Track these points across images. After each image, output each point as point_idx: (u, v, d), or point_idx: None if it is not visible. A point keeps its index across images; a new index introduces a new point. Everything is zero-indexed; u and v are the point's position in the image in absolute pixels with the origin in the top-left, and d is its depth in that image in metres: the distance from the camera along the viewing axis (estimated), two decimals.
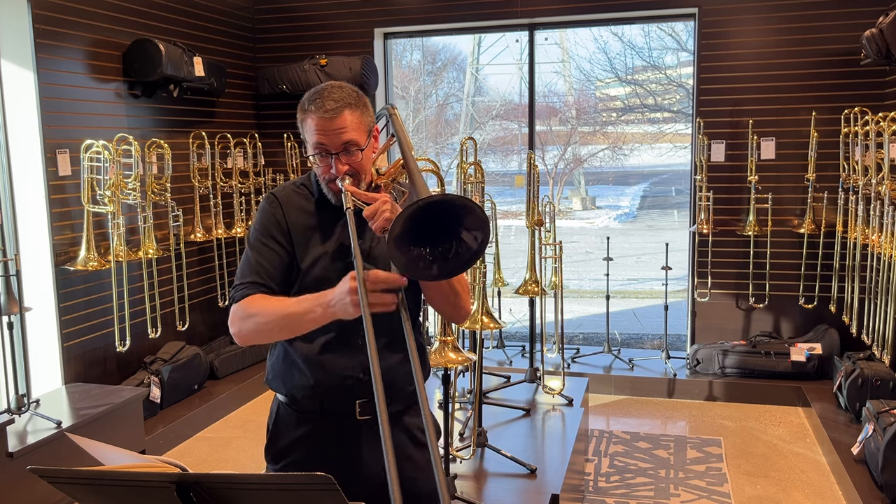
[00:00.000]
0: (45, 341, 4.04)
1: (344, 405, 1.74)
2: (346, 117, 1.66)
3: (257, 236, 1.76)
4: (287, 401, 1.81)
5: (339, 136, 1.66)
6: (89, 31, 4.27)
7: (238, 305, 1.69)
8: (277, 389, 1.83)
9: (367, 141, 1.71)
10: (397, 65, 10.75)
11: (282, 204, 1.78)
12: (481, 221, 1.44)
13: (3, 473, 3.22)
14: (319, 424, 1.77)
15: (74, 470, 1.16)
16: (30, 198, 3.97)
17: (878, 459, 3.25)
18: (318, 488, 1.08)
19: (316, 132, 1.67)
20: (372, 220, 1.59)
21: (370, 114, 1.74)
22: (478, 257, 1.49)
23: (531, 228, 4.18)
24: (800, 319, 5.09)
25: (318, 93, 1.69)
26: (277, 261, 1.73)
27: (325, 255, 1.74)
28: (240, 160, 5.46)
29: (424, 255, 1.47)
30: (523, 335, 6.17)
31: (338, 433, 1.76)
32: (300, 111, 1.71)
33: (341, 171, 1.67)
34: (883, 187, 3.81)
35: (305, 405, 1.77)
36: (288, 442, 1.80)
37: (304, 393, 1.76)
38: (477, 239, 1.46)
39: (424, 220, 1.42)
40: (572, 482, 3.23)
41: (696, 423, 4.56)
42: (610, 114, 13.50)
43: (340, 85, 1.71)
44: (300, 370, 1.75)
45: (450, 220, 1.44)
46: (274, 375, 1.82)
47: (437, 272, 1.48)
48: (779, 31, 4.95)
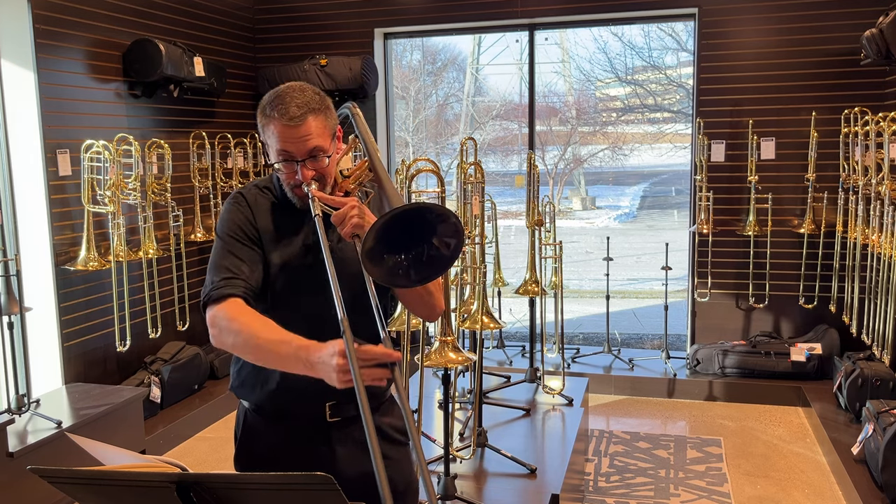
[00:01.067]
0: (45, 341, 4.04)
1: (314, 408, 1.72)
2: (311, 124, 1.62)
3: (228, 231, 1.70)
4: (254, 407, 1.79)
5: (305, 143, 1.62)
6: (89, 31, 4.27)
7: (219, 310, 1.61)
8: (244, 397, 1.80)
9: (332, 145, 1.68)
10: (397, 65, 10.75)
11: (250, 204, 1.74)
12: (455, 229, 1.43)
13: (3, 473, 3.22)
14: (289, 429, 1.74)
15: (74, 470, 1.16)
16: (30, 198, 3.97)
17: (878, 459, 3.25)
18: (317, 488, 1.09)
19: (280, 139, 1.63)
20: (340, 225, 1.57)
21: (333, 116, 1.71)
22: (452, 262, 1.47)
23: (531, 228, 4.18)
24: (800, 319, 5.09)
25: (280, 97, 1.63)
26: (254, 257, 1.69)
27: (293, 255, 1.71)
28: (240, 160, 5.46)
29: (400, 263, 1.45)
30: (523, 335, 6.17)
31: (309, 436, 1.74)
32: (261, 115, 1.66)
33: (308, 177, 1.64)
34: (883, 187, 3.81)
35: (274, 410, 1.75)
36: (258, 449, 1.77)
37: (273, 398, 1.73)
38: (450, 245, 1.44)
39: (396, 228, 1.40)
40: (572, 482, 3.23)
41: (696, 423, 4.56)
42: (610, 114, 13.50)
43: (301, 87, 1.66)
44: (267, 376, 1.72)
45: (423, 225, 1.43)
46: (240, 383, 1.79)
47: (415, 278, 1.46)
48: (779, 31, 4.95)
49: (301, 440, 1.74)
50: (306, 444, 1.74)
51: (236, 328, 1.58)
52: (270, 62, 5.77)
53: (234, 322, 1.59)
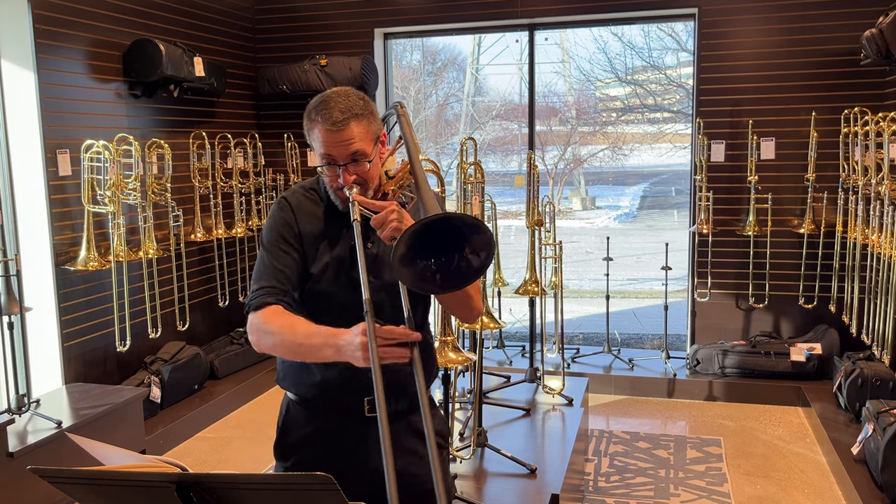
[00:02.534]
0: (45, 341, 4.04)
1: (352, 403, 1.76)
2: (353, 129, 1.66)
3: (271, 240, 1.76)
4: (297, 399, 1.83)
5: (347, 147, 1.67)
6: (89, 31, 4.27)
7: (256, 317, 1.69)
8: (287, 388, 1.85)
9: (374, 149, 1.71)
10: (397, 65, 10.75)
11: (293, 208, 1.78)
12: (487, 241, 1.45)
13: (3, 473, 3.22)
14: (328, 422, 1.79)
15: (74, 470, 1.16)
16: (30, 198, 3.97)
17: (878, 459, 3.25)
18: (318, 488, 1.09)
19: (323, 143, 1.67)
20: (380, 228, 1.60)
21: (377, 121, 1.74)
22: (481, 273, 1.49)
23: (531, 228, 4.18)
24: (800, 319, 5.09)
25: (325, 102, 1.68)
26: (292, 264, 1.74)
27: (336, 260, 1.75)
28: (240, 160, 5.46)
29: (430, 268, 1.47)
30: (523, 335, 6.17)
31: (346, 430, 1.78)
32: (307, 119, 1.71)
33: (349, 181, 1.68)
34: (883, 187, 3.81)
35: (314, 403, 1.80)
36: (297, 439, 1.82)
37: (313, 391, 1.78)
38: (480, 256, 1.46)
39: (430, 235, 1.43)
40: (572, 482, 3.23)
41: (695, 423, 4.56)
42: (610, 114, 13.50)
43: (346, 92, 1.70)
44: (309, 369, 1.77)
45: (454, 233, 1.45)
46: (284, 374, 1.84)
47: (443, 284, 1.49)
48: (779, 31, 4.95)
49: (339, 433, 1.78)
50: (344, 438, 1.78)
51: (272, 330, 1.65)
52: (270, 62, 5.77)
53: (269, 325, 1.66)
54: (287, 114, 5.83)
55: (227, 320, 5.49)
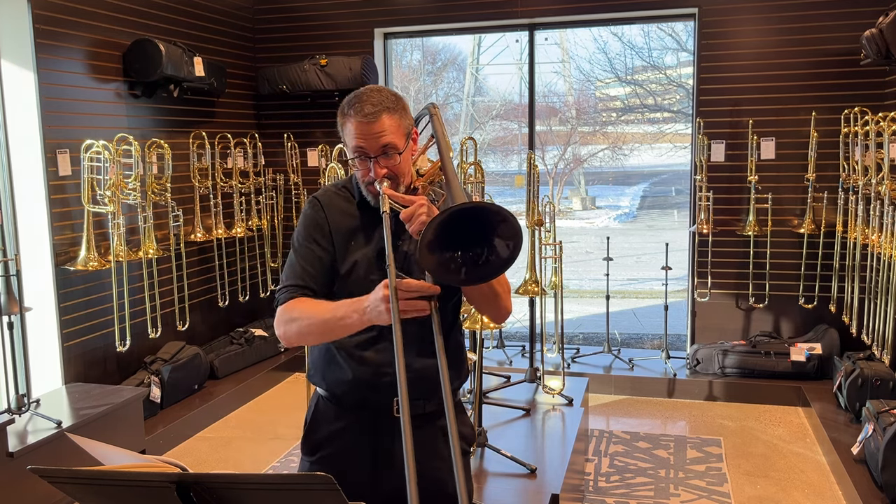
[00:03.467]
0: (45, 341, 4.04)
1: (382, 401, 1.77)
2: (385, 121, 1.69)
3: (300, 239, 1.80)
4: (327, 395, 1.84)
5: (378, 139, 1.69)
6: (89, 31, 4.27)
7: (282, 308, 1.74)
8: (318, 384, 1.86)
9: (405, 144, 1.74)
10: (397, 65, 10.75)
11: (324, 207, 1.81)
12: (514, 230, 1.45)
13: (3, 473, 3.22)
14: (357, 419, 1.80)
15: (74, 470, 1.16)
16: (30, 198, 3.97)
17: (878, 459, 3.25)
18: (318, 488, 1.09)
19: (355, 136, 1.70)
20: (409, 222, 1.61)
21: (409, 117, 1.77)
22: (509, 265, 1.50)
23: (531, 228, 4.18)
24: (800, 319, 5.09)
25: (358, 97, 1.72)
26: (319, 264, 1.77)
27: (366, 258, 1.77)
28: (240, 160, 5.46)
29: (455, 259, 1.48)
30: (523, 335, 6.17)
31: (374, 429, 1.78)
32: (340, 115, 1.74)
33: (380, 174, 1.70)
34: (883, 187, 3.81)
35: (344, 400, 1.81)
36: (324, 435, 1.84)
37: (343, 388, 1.79)
38: (509, 247, 1.47)
39: (457, 225, 1.43)
40: (572, 482, 3.23)
41: (696, 423, 4.56)
42: (610, 114, 13.50)
43: (379, 89, 1.74)
44: (340, 365, 1.78)
45: (483, 227, 1.45)
46: (315, 370, 1.86)
47: (467, 277, 1.50)
48: (779, 31, 4.95)
49: (366, 432, 1.79)
50: (371, 437, 1.79)
51: (296, 315, 1.70)
52: (270, 62, 5.77)
53: (293, 312, 1.71)
54: (287, 114, 5.83)
55: (227, 320, 5.49)
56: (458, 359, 1.86)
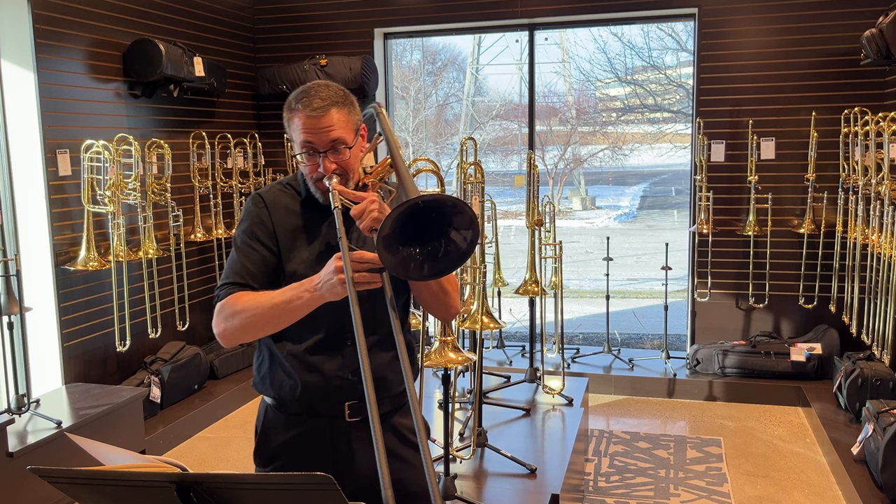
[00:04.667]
0: (45, 341, 4.04)
1: (333, 407, 1.73)
2: (334, 115, 1.66)
3: (243, 238, 1.75)
4: (275, 404, 1.80)
5: (327, 134, 1.66)
6: (89, 31, 4.27)
7: (221, 304, 1.69)
8: (265, 393, 1.82)
9: (354, 139, 1.71)
10: (397, 65, 10.75)
11: (267, 205, 1.77)
12: (470, 220, 1.44)
13: (3, 473, 3.22)
14: (308, 426, 1.76)
15: (74, 470, 1.16)
16: (30, 198, 3.97)
17: (878, 459, 3.25)
18: (318, 488, 1.09)
19: (303, 131, 1.67)
20: (359, 219, 1.59)
21: (357, 112, 1.74)
22: (467, 256, 1.49)
23: (531, 228, 4.18)
24: (800, 319, 5.09)
25: (305, 91, 1.69)
26: (262, 263, 1.73)
27: (311, 256, 1.73)
28: (240, 160, 5.46)
29: (413, 255, 1.47)
30: (523, 335, 6.17)
31: (327, 435, 1.75)
32: (287, 110, 1.71)
33: (329, 169, 1.67)
34: (883, 187, 3.81)
35: (294, 408, 1.76)
36: (277, 445, 1.79)
37: (292, 395, 1.75)
38: (466, 238, 1.46)
39: (413, 220, 1.42)
40: (572, 482, 3.23)
41: (696, 423, 4.56)
42: (610, 114, 13.49)
43: (327, 83, 1.71)
44: (287, 373, 1.74)
45: (439, 220, 1.44)
46: (261, 378, 1.81)
47: (427, 272, 1.48)
48: (779, 31, 4.95)
49: (320, 438, 1.76)
50: (325, 442, 1.76)
51: (238, 308, 1.66)
52: (270, 62, 5.77)
53: (235, 306, 1.67)
54: None
55: None
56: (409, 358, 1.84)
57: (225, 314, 1.68)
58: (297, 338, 1.71)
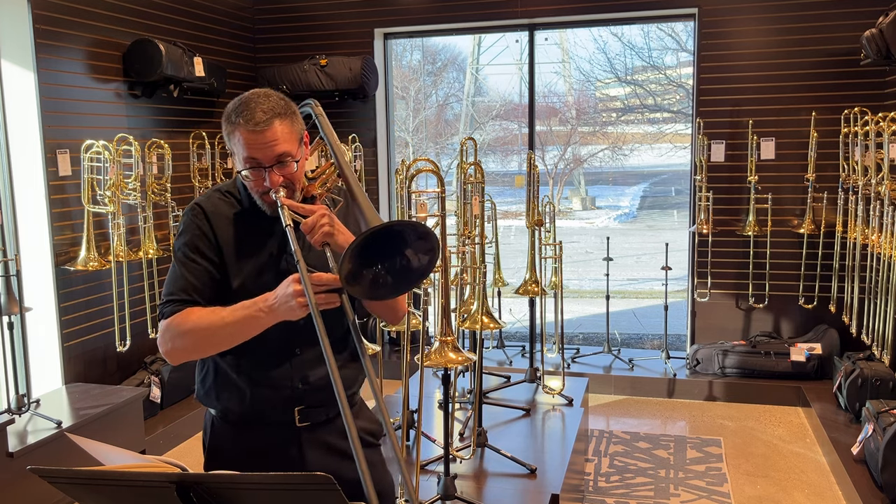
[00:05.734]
0: (45, 341, 4.04)
1: (283, 415, 1.71)
2: (277, 129, 1.60)
3: (184, 251, 1.66)
4: (221, 415, 1.76)
5: (272, 149, 1.60)
6: (89, 31, 4.27)
7: (168, 322, 1.61)
8: (210, 405, 1.77)
9: (299, 150, 1.65)
10: (397, 65, 10.75)
11: (208, 215, 1.69)
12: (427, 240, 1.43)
13: (3, 473, 3.22)
14: (258, 435, 1.72)
15: (74, 470, 1.16)
16: (30, 198, 3.97)
17: (878, 459, 3.25)
18: (317, 488, 1.09)
19: (246, 146, 1.60)
20: (310, 234, 1.56)
21: (299, 121, 1.68)
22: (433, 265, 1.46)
23: (531, 228, 4.18)
24: (800, 319, 5.09)
25: (245, 103, 1.62)
26: (207, 277, 1.65)
27: (257, 268, 1.68)
28: None
29: (378, 274, 1.45)
30: (523, 335, 6.17)
31: (278, 442, 1.72)
32: (226, 123, 1.64)
33: (276, 183, 1.61)
34: (883, 187, 3.81)
35: (243, 417, 1.72)
36: (229, 458, 1.73)
37: (240, 407, 1.71)
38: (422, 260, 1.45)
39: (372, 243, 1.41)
40: (572, 482, 3.23)
41: (696, 423, 4.56)
42: (610, 114, 13.49)
43: (267, 93, 1.65)
44: (235, 384, 1.70)
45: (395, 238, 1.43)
46: (206, 392, 1.75)
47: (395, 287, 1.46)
48: (779, 31, 4.95)
49: (271, 445, 1.72)
50: (276, 449, 1.72)
51: (189, 328, 1.59)
52: (270, 62, 5.77)
53: (184, 325, 1.60)
54: None
55: None
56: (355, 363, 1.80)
57: (172, 333, 1.60)
58: (243, 350, 1.65)
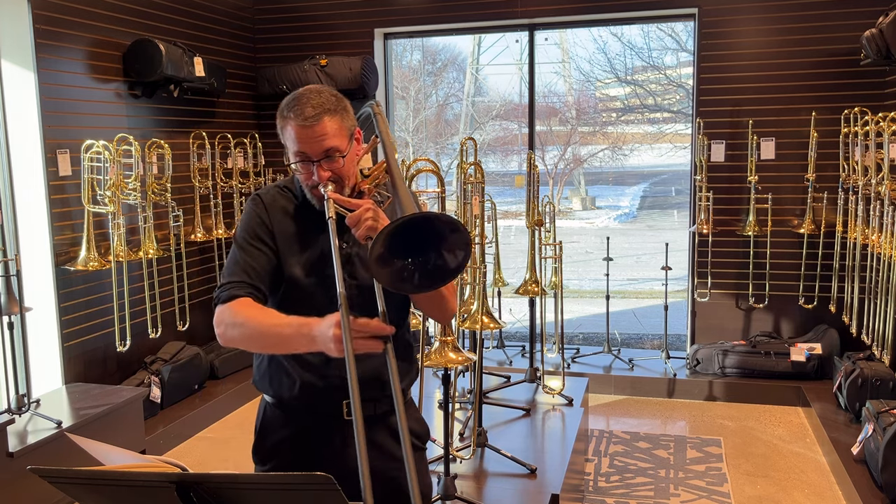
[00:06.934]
0: (45, 341, 4.04)
1: (331, 406, 1.74)
2: (326, 124, 1.64)
3: (244, 235, 1.74)
4: (274, 402, 1.80)
5: (320, 143, 1.65)
6: (89, 31, 4.27)
7: (225, 307, 1.67)
8: (264, 391, 1.82)
9: (348, 146, 1.69)
10: (397, 65, 10.75)
11: (266, 206, 1.76)
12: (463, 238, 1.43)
13: (3, 473, 3.22)
14: (306, 425, 1.76)
15: (74, 470, 1.16)
16: (30, 198, 3.97)
17: (878, 459, 3.25)
18: (318, 488, 1.09)
19: (296, 140, 1.66)
20: (355, 227, 1.57)
21: (351, 117, 1.72)
22: (462, 267, 1.47)
23: (531, 228, 4.18)
24: (800, 319, 5.09)
25: (297, 99, 1.67)
26: (265, 262, 1.71)
27: (307, 262, 1.72)
28: (240, 160, 5.46)
29: (407, 267, 1.45)
30: (523, 335, 6.16)
31: (325, 433, 1.75)
32: (279, 118, 1.70)
33: (324, 178, 1.65)
34: (883, 187, 3.81)
35: (292, 406, 1.77)
36: (275, 442, 1.79)
37: (290, 394, 1.75)
38: (457, 255, 1.44)
39: (407, 234, 1.41)
40: (572, 482, 3.23)
41: (696, 423, 4.56)
42: (610, 114, 13.49)
43: (319, 90, 1.69)
44: (286, 371, 1.74)
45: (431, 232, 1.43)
46: (260, 377, 1.81)
47: (420, 283, 1.47)
48: (779, 31, 4.95)
49: (317, 436, 1.76)
50: (322, 441, 1.76)
51: (240, 321, 1.63)
52: (270, 62, 5.77)
53: (237, 316, 1.64)
54: None
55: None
56: (408, 357, 1.83)
57: (228, 321, 1.65)
58: None
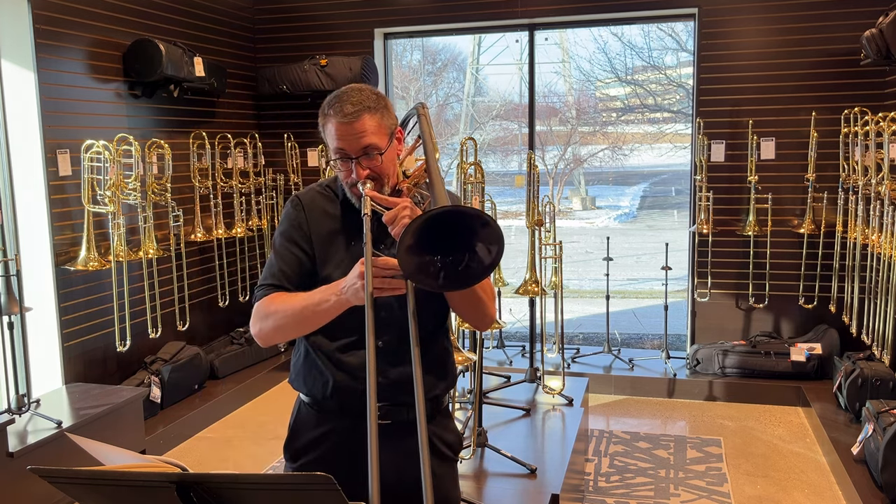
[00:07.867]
0: (45, 341, 4.04)
1: (363, 407, 1.72)
2: (366, 121, 1.66)
3: (280, 240, 1.78)
4: (309, 401, 1.82)
5: (359, 140, 1.66)
6: (89, 31, 4.27)
7: (258, 305, 1.72)
8: (299, 389, 1.84)
9: (388, 144, 1.70)
10: (397, 65, 10.75)
11: (305, 207, 1.79)
12: (496, 235, 1.42)
13: (3, 473, 3.22)
14: (338, 425, 1.77)
15: (74, 470, 1.16)
16: (30, 198, 3.97)
17: (878, 459, 3.25)
18: (318, 488, 1.09)
19: (336, 137, 1.67)
20: (391, 225, 1.58)
21: (391, 116, 1.73)
22: (490, 271, 1.47)
23: (531, 228, 4.18)
24: (800, 319, 5.09)
25: (338, 97, 1.69)
26: (298, 266, 1.75)
27: (346, 261, 1.73)
28: (240, 160, 5.46)
29: (434, 263, 1.45)
30: (523, 335, 6.17)
31: (355, 435, 1.74)
32: (321, 115, 1.72)
33: (362, 175, 1.67)
34: (883, 187, 3.81)
35: (325, 406, 1.78)
36: (306, 441, 1.81)
37: (323, 393, 1.77)
38: (491, 252, 1.44)
39: (439, 229, 1.41)
40: (572, 482, 3.23)
41: (696, 423, 4.56)
42: (610, 114, 13.50)
43: (360, 88, 1.71)
44: (320, 370, 1.76)
45: (464, 232, 1.43)
46: (296, 375, 1.84)
47: (445, 282, 1.46)
48: (779, 31, 4.95)
49: (348, 439, 1.75)
50: (352, 442, 1.75)
51: (272, 310, 1.69)
52: (270, 62, 5.77)
53: (269, 307, 1.70)
54: (287, 114, 5.83)
55: (227, 320, 5.49)
56: (444, 364, 1.82)
57: (260, 315, 1.70)
58: (330, 336, 1.72)
